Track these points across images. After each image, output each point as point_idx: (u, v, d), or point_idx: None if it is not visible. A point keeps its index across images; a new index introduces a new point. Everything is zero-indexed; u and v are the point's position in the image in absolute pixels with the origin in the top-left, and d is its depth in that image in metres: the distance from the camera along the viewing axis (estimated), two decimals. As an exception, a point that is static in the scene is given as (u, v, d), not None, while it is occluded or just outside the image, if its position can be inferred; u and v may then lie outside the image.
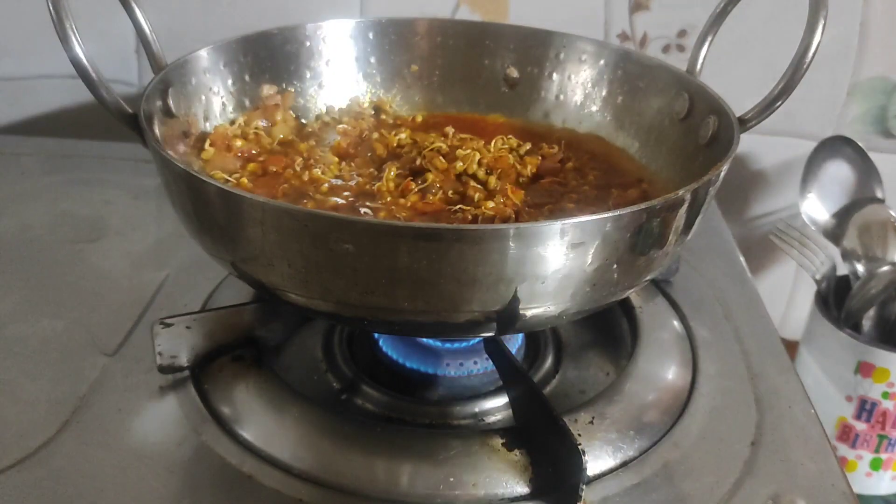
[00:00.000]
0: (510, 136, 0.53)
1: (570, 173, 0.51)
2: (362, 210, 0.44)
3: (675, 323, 0.52)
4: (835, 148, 0.71)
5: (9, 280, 0.54)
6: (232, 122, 0.52)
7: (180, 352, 0.44)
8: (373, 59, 0.59)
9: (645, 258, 0.37)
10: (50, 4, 0.38)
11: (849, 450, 0.66)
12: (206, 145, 0.49)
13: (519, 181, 0.49)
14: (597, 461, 0.41)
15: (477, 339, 0.48)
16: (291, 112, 0.55)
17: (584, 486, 0.38)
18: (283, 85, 0.56)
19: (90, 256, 0.57)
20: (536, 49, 0.58)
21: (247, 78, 0.54)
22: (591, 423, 0.42)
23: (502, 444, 0.40)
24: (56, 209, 0.63)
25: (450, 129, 0.53)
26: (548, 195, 0.48)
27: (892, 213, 0.68)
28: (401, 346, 0.49)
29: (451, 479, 0.39)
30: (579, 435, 0.41)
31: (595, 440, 0.41)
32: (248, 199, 0.35)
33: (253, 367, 0.45)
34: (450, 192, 0.46)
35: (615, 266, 0.36)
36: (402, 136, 0.51)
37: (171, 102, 0.46)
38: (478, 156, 0.47)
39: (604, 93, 0.56)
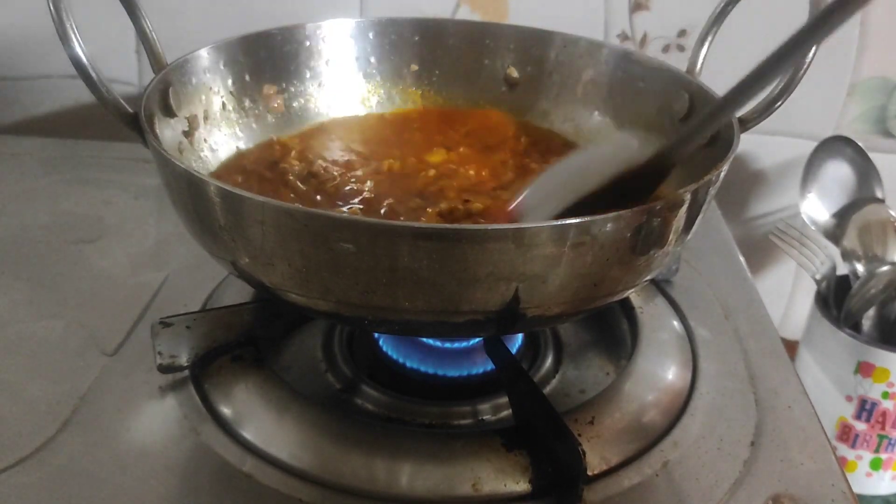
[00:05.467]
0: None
1: None
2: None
3: (675, 323, 0.52)
4: (835, 148, 0.71)
5: (9, 280, 0.54)
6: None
7: (180, 352, 0.44)
8: (373, 59, 0.59)
9: (645, 258, 0.37)
10: (50, 4, 0.38)
11: (849, 450, 0.66)
12: None
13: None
14: (597, 461, 0.40)
15: (477, 339, 0.48)
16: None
17: (583, 486, 0.39)
18: (283, 85, 0.56)
19: (90, 256, 0.57)
20: (536, 49, 0.58)
21: (247, 78, 0.54)
22: (591, 422, 0.42)
23: (502, 444, 0.40)
24: (56, 209, 0.63)
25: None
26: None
27: (892, 213, 0.68)
28: (401, 345, 0.49)
29: (451, 479, 0.39)
30: (579, 435, 0.40)
31: (595, 440, 0.41)
32: (248, 198, 0.35)
33: (253, 366, 0.45)
34: None
35: (615, 266, 0.36)
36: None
37: (171, 102, 0.46)
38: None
39: (604, 93, 0.56)
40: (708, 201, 0.39)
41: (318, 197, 0.48)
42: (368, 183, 0.49)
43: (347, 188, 0.48)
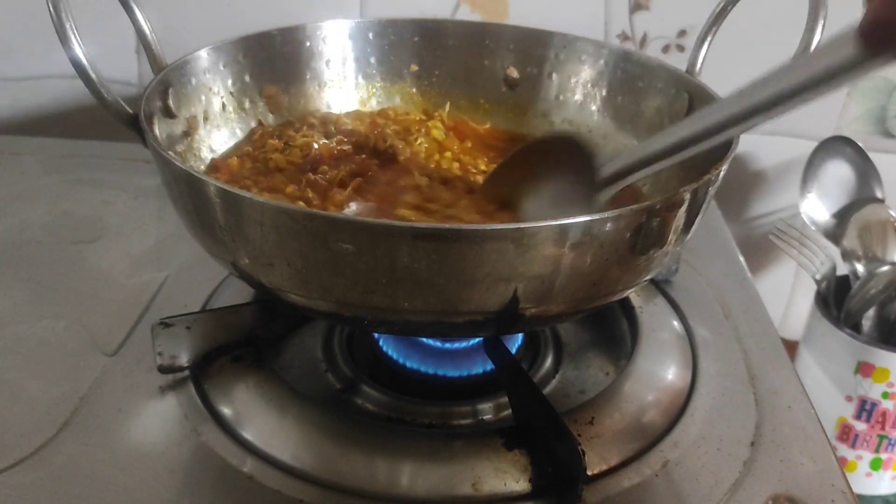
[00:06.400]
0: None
1: None
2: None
3: (675, 323, 0.52)
4: (835, 148, 0.71)
5: (9, 280, 0.54)
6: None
7: (180, 352, 0.44)
8: (372, 60, 0.59)
9: (644, 258, 0.37)
10: (50, 4, 0.38)
11: (849, 450, 0.66)
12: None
13: None
14: (596, 461, 0.40)
15: (477, 339, 0.48)
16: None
17: (583, 486, 0.39)
18: (283, 85, 0.56)
19: (90, 256, 0.57)
20: (536, 49, 0.58)
21: (247, 78, 0.54)
22: (591, 422, 0.42)
23: (502, 444, 0.40)
24: (56, 209, 0.63)
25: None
26: None
27: (892, 213, 0.68)
28: (401, 345, 0.49)
29: (451, 480, 0.39)
30: (579, 435, 0.41)
31: (595, 440, 0.41)
32: (248, 198, 0.35)
33: (253, 367, 0.45)
34: None
35: (615, 266, 0.36)
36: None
37: (171, 103, 0.46)
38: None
39: (603, 93, 0.56)
40: (707, 201, 0.39)
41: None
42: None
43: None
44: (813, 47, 0.42)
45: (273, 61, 0.55)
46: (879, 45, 0.26)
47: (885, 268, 0.65)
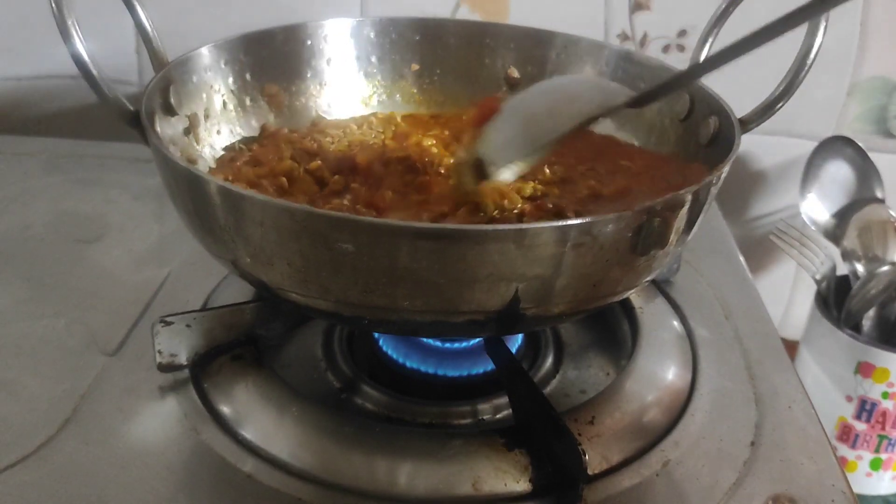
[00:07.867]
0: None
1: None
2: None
3: (676, 323, 0.52)
4: (835, 148, 0.71)
5: (9, 279, 0.54)
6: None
7: (180, 350, 0.44)
8: (373, 59, 0.59)
9: (646, 259, 0.37)
10: (52, 0, 0.38)
11: (849, 450, 0.66)
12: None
13: None
14: (597, 460, 0.40)
15: (478, 339, 0.48)
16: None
17: (584, 486, 0.39)
18: (285, 84, 0.56)
19: (91, 255, 0.57)
20: (537, 49, 0.58)
21: (248, 76, 0.54)
22: (591, 422, 0.42)
23: (502, 444, 0.40)
24: (57, 209, 0.63)
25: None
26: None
27: (892, 213, 0.68)
28: (401, 345, 0.49)
29: (451, 479, 0.39)
30: (579, 434, 0.41)
31: (595, 439, 0.41)
32: (248, 197, 0.35)
33: (252, 366, 0.45)
34: None
35: (616, 266, 0.36)
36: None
37: (172, 100, 0.46)
38: None
39: (604, 93, 0.56)
40: (709, 202, 0.40)
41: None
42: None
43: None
44: (815, 49, 0.42)
45: (274, 59, 0.55)
46: None
47: (885, 268, 0.65)
